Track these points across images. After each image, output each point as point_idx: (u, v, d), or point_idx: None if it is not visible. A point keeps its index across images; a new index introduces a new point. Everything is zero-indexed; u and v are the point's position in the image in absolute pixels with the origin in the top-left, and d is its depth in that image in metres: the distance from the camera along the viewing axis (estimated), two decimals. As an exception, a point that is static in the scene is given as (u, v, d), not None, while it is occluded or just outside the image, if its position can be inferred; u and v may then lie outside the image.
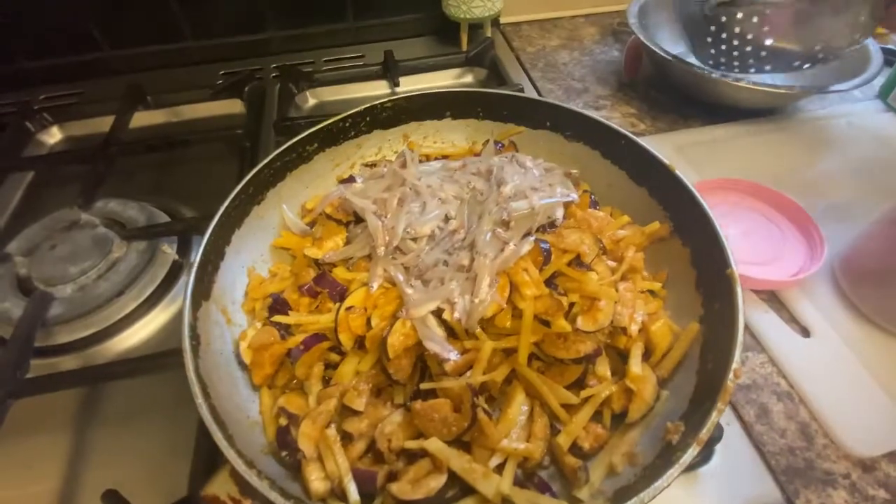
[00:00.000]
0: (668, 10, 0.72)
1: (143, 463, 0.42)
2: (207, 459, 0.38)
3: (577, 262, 0.38)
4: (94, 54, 0.80)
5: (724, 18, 0.58)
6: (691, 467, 0.39)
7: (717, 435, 0.37)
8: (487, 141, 0.51)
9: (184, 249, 0.59)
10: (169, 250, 0.58)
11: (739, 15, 0.57)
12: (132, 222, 0.59)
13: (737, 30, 0.58)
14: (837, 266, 0.51)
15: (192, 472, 0.38)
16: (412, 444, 0.32)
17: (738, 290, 0.34)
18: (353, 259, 0.41)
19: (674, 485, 0.38)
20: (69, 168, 0.70)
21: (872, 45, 0.62)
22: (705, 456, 0.40)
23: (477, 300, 0.35)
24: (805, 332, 0.48)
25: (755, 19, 0.56)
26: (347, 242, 0.43)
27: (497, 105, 0.53)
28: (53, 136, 0.77)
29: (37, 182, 0.71)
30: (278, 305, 0.40)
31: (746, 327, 0.49)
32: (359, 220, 0.44)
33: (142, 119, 0.75)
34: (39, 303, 0.51)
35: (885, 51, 0.77)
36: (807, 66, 0.59)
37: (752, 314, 0.49)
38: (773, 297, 0.51)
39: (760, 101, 0.68)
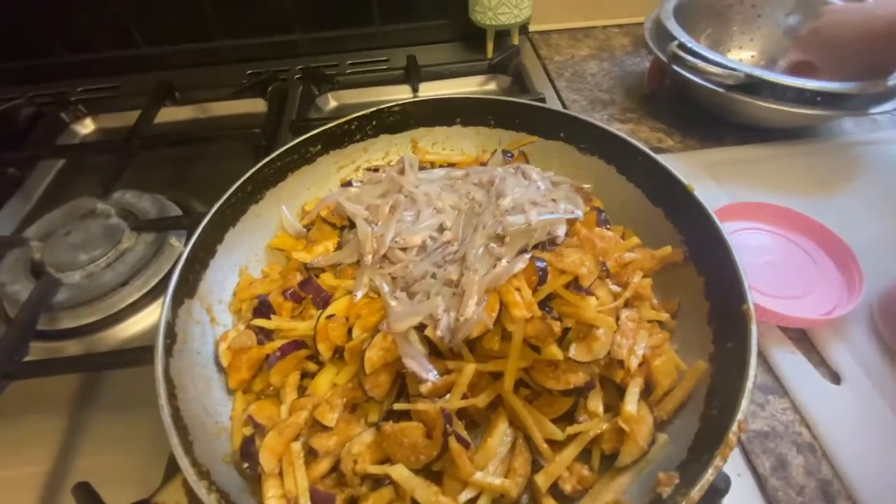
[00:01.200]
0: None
1: (131, 453, 0.42)
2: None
3: (576, 284, 0.36)
4: (130, 51, 0.83)
5: None
6: (692, 521, 0.36)
7: (722, 487, 0.33)
8: (496, 150, 0.49)
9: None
10: (177, 243, 0.58)
11: None
12: (144, 214, 0.60)
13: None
14: (876, 307, 0.46)
15: (165, 473, 0.37)
16: (375, 470, 0.30)
17: (753, 329, 0.30)
18: (342, 265, 0.40)
19: (670, 539, 0.35)
20: (97, 158, 0.73)
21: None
22: (709, 509, 0.36)
23: (462, 318, 0.33)
24: (835, 379, 0.43)
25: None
26: (339, 247, 0.42)
27: (509, 113, 0.51)
28: (87, 126, 0.80)
29: (66, 169, 0.73)
30: (263, 308, 0.39)
31: (769, 367, 0.44)
32: (353, 225, 0.42)
33: (169, 114, 0.78)
34: (45, 287, 0.52)
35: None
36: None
37: (776, 354, 0.44)
38: (802, 337, 0.46)
39: (794, 122, 0.63)
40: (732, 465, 0.38)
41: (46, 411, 0.46)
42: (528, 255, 0.36)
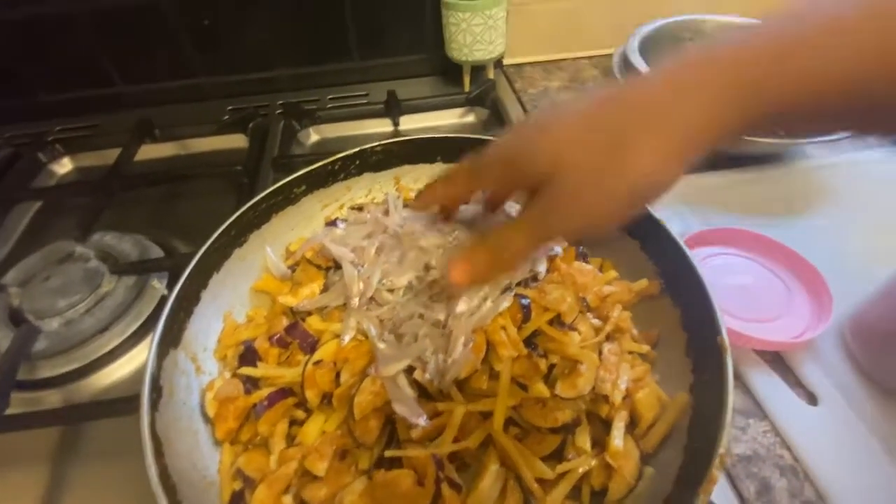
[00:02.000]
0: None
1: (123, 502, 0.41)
2: None
3: (559, 320, 0.36)
4: (108, 89, 0.83)
5: None
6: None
7: (709, 517, 0.34)
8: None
9: (174, 285, 0.58)
10: (158, 286, 0.57)
11: None
12: (125, 256, 0.60)
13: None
14: (847, 327, 0.48)
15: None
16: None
17: (729, 361, 0.31)
18: (328, 308, 0.40)
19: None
20: (75, 199, 0.72)
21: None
22: (698, 538, 0.37)
23: (450, 360, 0.34)
24: (812, 399, 0.44)
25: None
26: (325, 289, 0.42)
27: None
28: (65, 166, 0.79)
29: (44, 211, 0.72)
30: (249, 355, 0.39)
31: (748, 391, 0.46)
32: (338, 266, 0.43)
33: (149, 152, 0.77)
34: (25, 336, 0.51)
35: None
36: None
37: (754, 377, 0.46)
38: (777, 359, 0.47)
39: (760, 149, 0.66)
40: (718, 491, 0.39)
41: (28, 464, 0.45)
42: (511, 293, 0.37)
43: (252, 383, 0.37)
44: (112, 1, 0.74)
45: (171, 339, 0.37)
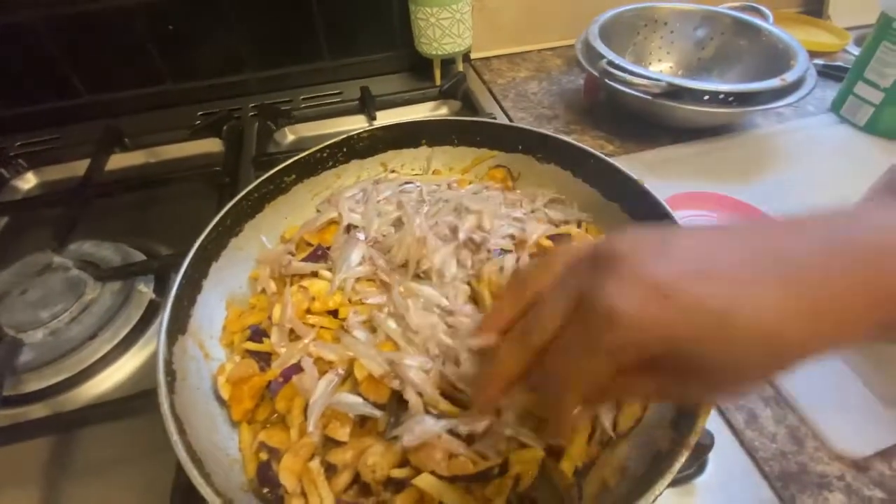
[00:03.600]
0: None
1: None
2: (186, 499, 0.36)
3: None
4: (71, 100, 0.81)
5: None
6: (686, 479, 0.39)
7: (708, 442, 0.37)
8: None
9: (161, 288, 0.58)
10: (145, 289, 0.56)
11: None
12: (107, 263, 0.58)
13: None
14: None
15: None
16: (398, 474, 0.31)
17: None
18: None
19: (671, 498, 0.38)
20: (44, 212, 0.69)
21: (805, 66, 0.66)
22: (699, 466, 0.40)
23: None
24: (786, 337, 0.49)
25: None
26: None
27: (470, 132, 0.55)
28: (28, 181, 0.76)
29: (10, 228, 0.69)
30: (256, 337, 0.40)
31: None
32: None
33: (119, 161, 0.75)
34: (8, 350, 0.49)
35: (832, 67, 0.83)
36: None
37: (732, 322, 0.49)
38: (751, 305, 0.52)
39: (715, 120, 0.71)
40: (712, 423, 0.42)
41: (19, 483, 0.43)
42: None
43: (265, 361, 0.38)
44: (72, 8, 0.73)
45: (177, 327, 0.37)
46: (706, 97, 0.64)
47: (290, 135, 0.81)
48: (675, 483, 0.38)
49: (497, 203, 0.47)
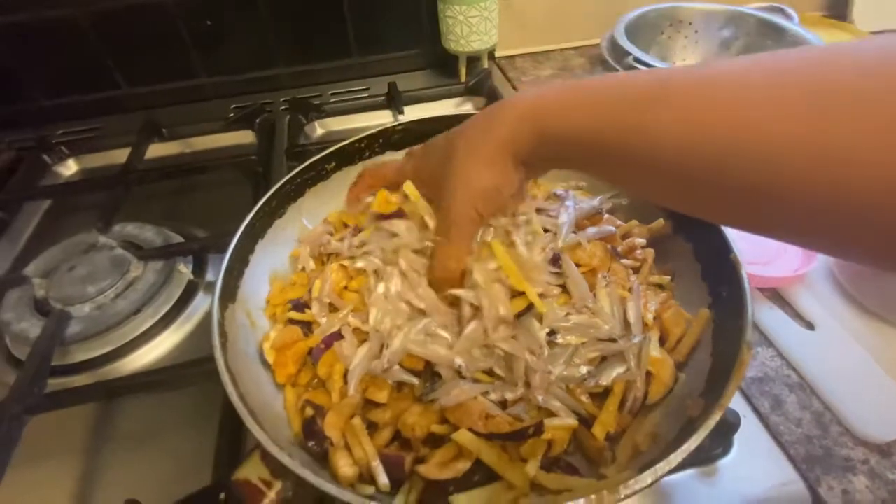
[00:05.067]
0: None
1: (157, 480, 0.42)
2: (229, 458, 0.38)
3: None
4: (111, 92, 0.84)
5: None
6: (711, 459, 0.40)
7: (734, 422, 0.38)
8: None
9: (199, 269, 0.60)
10: (185, 270, 0.59)
11: None
12: (149, 244, 0.61)
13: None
14: (834, 262, 0.53)
15: (214, 465, 0.38)
16: (438, 430, 0.32)
17: (743, 272, 0.36)
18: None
19: (696, 478, 0.39)
20: (83, 197, 0.73)
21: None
22: (725, 447, 0.41)
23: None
24: (810, 326, 0.49)
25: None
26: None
27: (500, 123, 0.56)
28: (69, 168, 0.80)
29: (53, 210, 0.73)
30: (298, 310, 0.42)
31: (754, 324, 0.50)
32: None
33: (157, 150, 0.79)
34: (58, 321, 0.52)
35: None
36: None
37: (757, 310, 0.50)
38: (776, 295, 0.52)
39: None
40: (737, 407, 0.43)
41: (63, 451, 0.45)
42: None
43: (308, 329, 0.40)
44: (115, 3, 0.76)
45: (228, 295, 0.39)
46: None
47: (319, 128, 0.83)
48: (700, 462, 0.40)
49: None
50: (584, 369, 0.35)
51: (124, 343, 0.53)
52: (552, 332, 0.35)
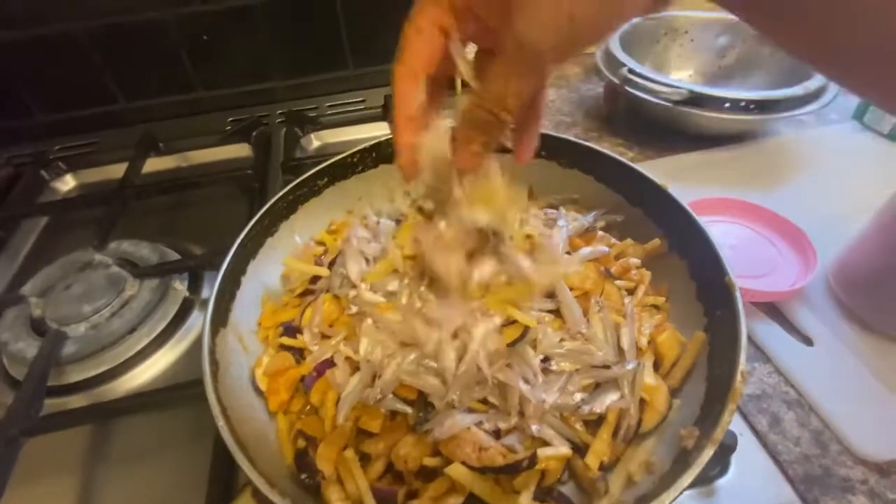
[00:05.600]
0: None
1: (153, 500, 0.42)
2: (223, 488, 0.38)
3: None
4: (110, 106, 0.84)
5: None
6: (709, 480, 0.40)
7: (730, 444, 0.38)
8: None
9: (194, 286, 0.60)
10: (180, 287, 0.59)
11: None
12: (144, 261, 0.61)
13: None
14: (831, 276, 0.53)
15: (207, 498, 0.38)
16: (430, 462, 0.32)
17: (738, 295, 0.35)
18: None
19: (694, 498, 0.39)
20: (80, 213, 0.73)
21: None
22: (722, 468, 0.40)
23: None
24: (808, 342, 0.49)
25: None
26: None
27: (494, 137, 0.56)
28: (67, 183, 0.80)
29: (50, 227, 0.73)
30: (289, 333, 0.41)
31: (750, 339, 0.50)
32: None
33: (154, 165, 0.79)
34: (54, 342, 0.52)
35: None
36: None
37: (754, 325, 0.50)
38: (773, 309, 0.52)
39: (736, 127, 0.72)
40: (735, 426, 0.42)
41: (60, 471, 0.45)
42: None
43: (299, 355, 0.39)
44: (112, 19, 0.76)
45: (219, 319, 0.39)
46: (727, 104, 0.64)
47: (315, 141, 0.83)
48: (698, 483, 0.39)
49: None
50: (577, 396, 0.34)
51: (119, 363, 0.53)
52: (546, 359, 0.34)
